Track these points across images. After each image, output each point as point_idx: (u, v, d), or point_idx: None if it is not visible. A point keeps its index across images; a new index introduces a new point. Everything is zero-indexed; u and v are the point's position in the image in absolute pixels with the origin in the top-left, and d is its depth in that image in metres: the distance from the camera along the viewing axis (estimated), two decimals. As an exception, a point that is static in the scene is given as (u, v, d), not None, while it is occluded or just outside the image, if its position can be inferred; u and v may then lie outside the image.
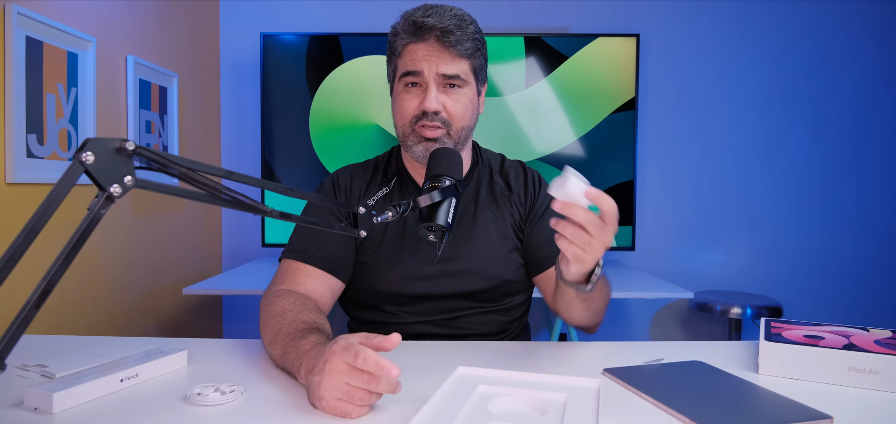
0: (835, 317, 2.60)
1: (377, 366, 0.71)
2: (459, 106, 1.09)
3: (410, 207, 0.89)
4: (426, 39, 1.07)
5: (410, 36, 1.08)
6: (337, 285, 1.13)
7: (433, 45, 1.07)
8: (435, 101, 1.07)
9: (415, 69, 1.07)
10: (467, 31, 1.08)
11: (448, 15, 1.07)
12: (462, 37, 1.06)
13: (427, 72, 1.07)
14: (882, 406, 0.80)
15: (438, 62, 1.07)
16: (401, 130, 1.12)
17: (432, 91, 1.07)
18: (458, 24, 1.07)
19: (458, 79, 1.08)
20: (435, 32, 1.06)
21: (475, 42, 1.09)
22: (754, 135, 2.76)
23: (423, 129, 1.08)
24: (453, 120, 1.09)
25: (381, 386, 0.72)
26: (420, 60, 1.07)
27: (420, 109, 1.08)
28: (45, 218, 0.50)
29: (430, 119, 1.07)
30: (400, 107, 1.11)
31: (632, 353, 1.03)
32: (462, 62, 1.08)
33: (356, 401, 0.72)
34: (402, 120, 1.11)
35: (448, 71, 1.07)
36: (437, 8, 1.08)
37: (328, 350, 0.75)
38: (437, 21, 1.05)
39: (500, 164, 1.25)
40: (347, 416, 0.73)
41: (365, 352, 0.71)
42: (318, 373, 0.74)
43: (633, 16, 2.71)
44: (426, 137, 1.08)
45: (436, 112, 1.07)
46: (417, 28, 1.07)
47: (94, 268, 1.86)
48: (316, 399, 0.74)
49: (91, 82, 1.79)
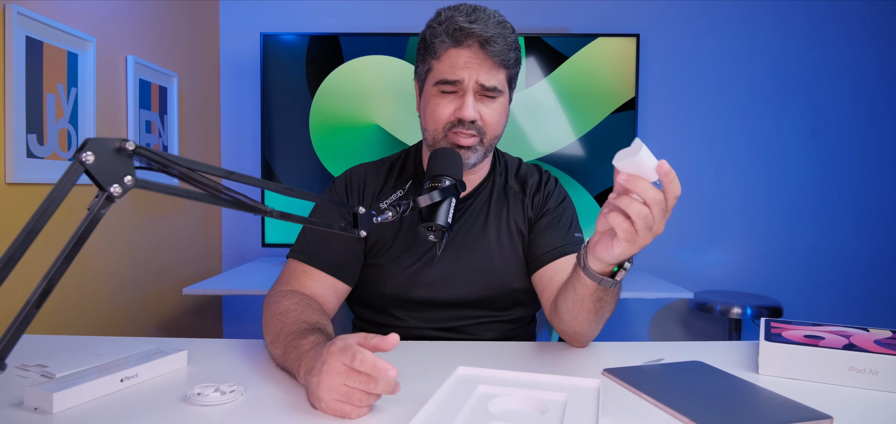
0: (835, 317, 2.60)
1: (375, 367, 0.70)
2: (495, 115, 1.07)
3: (410, 207, 0.89)
4: (469, 45, 1.03)
5: (451, 39, 1.03)
6: (342, 288, 1.12)
7: (476, 53, 1.03)
8: (472, 109, 1.04)
9: (454, 78, 1.03)
10: (509, 40, 1.04)
11: (492, 22, 1.03)
12: (504, 47, 1.03)
13: (467, 80, 1.03)
14: (882, 406, 0.80)
15: (479, 71, 1.03)
16: (431, 135, 1.08)
17: (470, 99, 1.04)
18: (501, 33, 1.03)
19: (495, 90, 1.05)
20: (478, 39, 1.02)
21: (516, 52, 1.07)
22: (754, 135, 2.76)
23: (457, 136, 1.05)
24: (488, 129, 1.07)
25: (379, 387, 0.72)
26: (461, 67, 1.03)
27: (455, 117, 1.05)
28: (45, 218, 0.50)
29: (465, 127, 1.05)
30: (433, 112, 1.07)
31: (632, 353, 1.03)
32: (501, 73, 1.06)
33: (354, 402, 0.72)
34: (435, 125, 1.07)
35: (488, 82, 1.04)
36: (482, 13, 1.04)
37: (326, 351, 0.75)
38: (482, 29, 1.01)
39: (517, 167, 1.24)
40: (346, 417, 0.73)
41: (362, 353, 0.71)
42: (316, 374, 0.74)
43: (633, 16, 2.71)
44: (460, 145, 1.05)
45: (472, 121, 1.05)
46: (461, 32, 1.02)
47: (94, 268, 1.86)
48: (315, 400, 0.74)
49: (91, 82, 1.79)
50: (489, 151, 1.11)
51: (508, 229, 1.16)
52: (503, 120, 1.10)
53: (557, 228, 1.15)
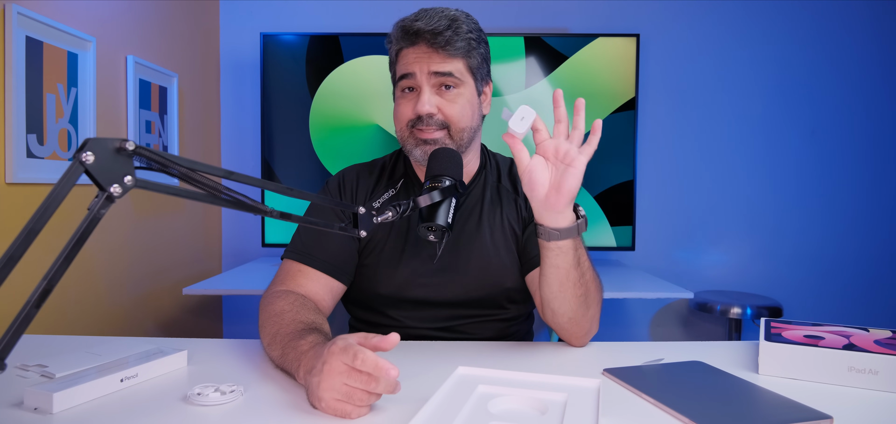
0: (835, 317, 2.60)
1: (376, 367, 0.70)
2: (456, 107, 1.08)
3: (410, 207, 0.89)
4: (417, 43, 1.07)
5: (402, 41, 1.08)
6: (338, 287, 1.12)
7: (425, 49, 1.07)
8: (428, 103, 1.06)
9: (408, 71, 1.08)
10: (459, 30, 1.07)
11: (438, 16, 1.06)
12: (453, 37, 1.06)
13: (419, 73, 1.07)
14: (882, 406, 0.80)
15: (429, 63, 1.06)
16: (400, 135, 1.12)
17: (425, 94, 1.07)
18: (449, 25, 1.06)
19: (451, 77, 1.07)
20: (425, 36, 1.05)
21: (468, 41, 1.08)
22: (754, 135, 2.76)
23: (421, 132, 1.08)
24: (451, 121, 1.08)
25: (380, 387, 0.72)
26: (412, 62, 1.07)
27: (415, 113, 1.08)
28: (45, 218, 0.50)
29: (425, 122, 1.07)
30: (397, 112, 1.12)
31: (632, 353, 1.03)
32: (455, 61, 1.08)
33: (355, 402, 0.72)
34: (400, 124, 1.11)
35: (440, 69, 1.06)
36: (429, 11, 1.08)
37: (327, 351, 0.75)
38: (426, 24, 1.05)
39: (509, 166, 1.25)
40: (347, 417, 0.73)
41: (363, 353, 0.71)
42: (316, 374, 0.74)
43: (633, 16, 2.71)
44: (423, 139, 1.08)
45: (430, 115, 1.06)
46: (408, 33, 1.07)
47: (94, 268, 1.86)
48: (315, 400, 0.74)
49: (91, 82, 1.78)
50: (463, 146, 1.11)
51: (502, 227, 1.17)
52: (469, 112, 1.11)
53: None
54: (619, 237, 2.54)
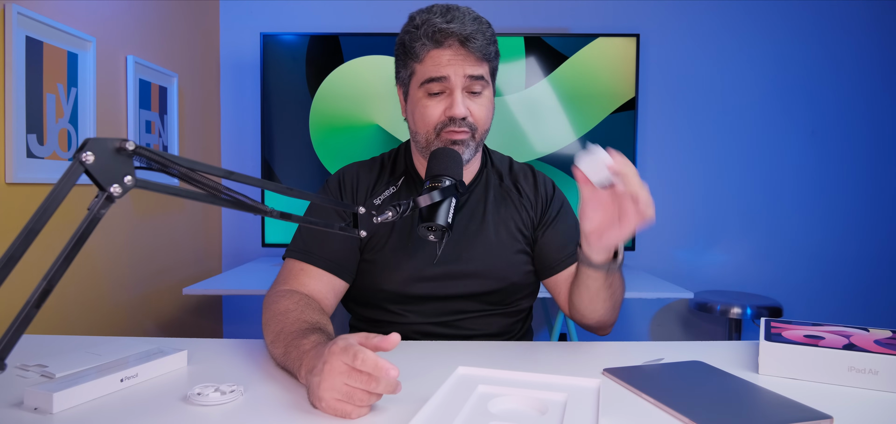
0: (835, 317, 2.60)
1: (376, 367, 0.70)
2: (484, 110, 1.09)
3: (411, 207, 0.89)
4: (450, 45, 1.05)
5: (432, 41, 1.05)
6: (340, 285, 1.13)
7: (458, 51, 1.05)
8: (462, 106, 1.06)
9: (440, 75, 1.05)
10: (487, 34, 1.07)
11: (469, 19, 1.06)
12: (484, 41, 1.06)
13: (453, 76, 1.05)
14: (882, 406, 0.80)
15: (464, 65, 1.05)
16: (424, 137, 1.10)
17: (459, 96, 1.06)
18: (479, 28, 1.06)
19: (481, 81, 1.08)
20: (458, 37, 1.04)
21: (494, 45, 1.10)
22: (754, 135, 2.76)
23: (450, 134, 1.07)
24: (478, 123, 1.09)
25: (380, 387, 0.72)
26: (445, 64, 1.05)
27: (446, 115, 1.07)
28: (45, 218, 0.50)
29: (458, 125, 1.06)
30: (423, 114, 1.08)
31: (632, 353, 1.03)
32: (484, 65, 1.08)
33: (356, 402, 0.72)
34: (426, 127, 1.09)
35: (473, 72, 1.06)
36: (457, 12, 1.06)
37: (327, 351, 0.75)
38: (459, 28, 1.04)
39: (509, 166, 1.26)
40: (347, 417, 0.73)
41: (364, 353, 0.71)
42: (317, 374, 0.74)
43: (633, 16, 2.71)
44: (453, 141, 1.07)
45: (463, 117, 1.06)
46: (440, 33, 1.04)
47: (94, 268, 1.86)
48: (316, 400, 0.74)
49: (91, 82, 1.79)
50: (479, 146, 1.13)
51: (506, 225, 1.17)
52: (490, 114, 1.12)
53: (565, 233, 1.19)
54: (619, 237, 2.54)
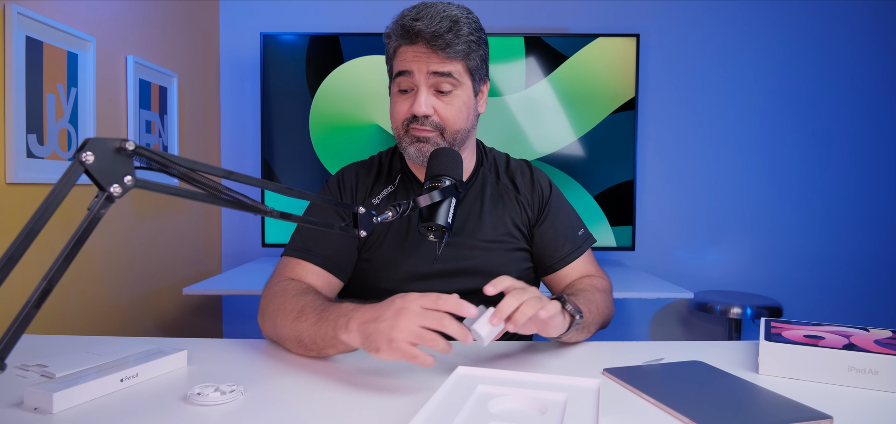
0: (835, 317, 2.60)
1: (458, 306, 0.79)
2: (452, 110, 1.07)
3: (410, 206, 0.89)
4: (416, 43, 1.05)
5: (401, 39, 1.06)
6: (336, 283, 1.13)
7: (424, 48, 1.04)
8: (424, 105, 1.05)
9: (405, 69, 1.06)
10: (461, 32, 1.04)
11: (439, 17, 1.03)
12: (453, 39, 1.03)
13: (417, 72, 1.05)
14: (882, 406, 0.80)
15: (429, 62, 1.05)
16: (395, 132, 1.13)
17: (422, 95, 1.05)
18: (450, 27, 1.03)
19: (449, 78, 1.06)
20: (425, 36, 1.03)
21: (468, 44, 1.06)
22: (754, 135, 2.76)
23: (415, 130, 1.08)
24: (446, 124, 1.08)
25: (452, 328, 0.79)
26: (410, 61, 1.05)
27: (410, 113, 1.07)
28: (45, 218, 0.50)
29: (420, 123, 1.07)
30: (393, 110, 1.11)
31: (632, 353, 1.03)
32: (454, 63, 1.06)
33: (427, 342, 0.78)
34: (396, 122, 1.11)
35: (438, 69, 1.05)
36: (429, 9, 1.04)
37: (400, 298, 0.81)
38: (426, 25, 1.03)
39: (505, 163, 1.25)
40: (414, 360, 0.78)
41: (444, 295, 0.80)
42: (387, 319, 0.80)
43: (633, 16, 2.71)
44: (418, 138, 1.08)
45: (426, 116, 1.06)
46: (407, 32, 1.04)
47: (94, 268, 1.86)
48: (383, 342, 0.79)
49: (91, 82, 1.78)
50: (457, 145, 1.11)
51: (503, 223, 1.18)
52: (464, 113, 1.10)
53: (562, 231, 1.20)
54: (619, 237, 2.54)
